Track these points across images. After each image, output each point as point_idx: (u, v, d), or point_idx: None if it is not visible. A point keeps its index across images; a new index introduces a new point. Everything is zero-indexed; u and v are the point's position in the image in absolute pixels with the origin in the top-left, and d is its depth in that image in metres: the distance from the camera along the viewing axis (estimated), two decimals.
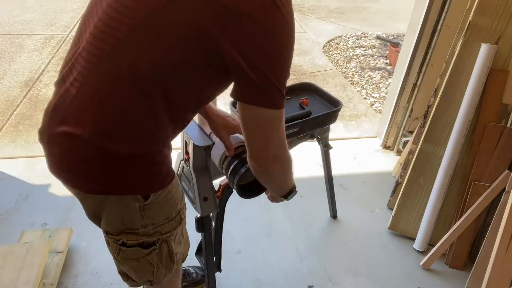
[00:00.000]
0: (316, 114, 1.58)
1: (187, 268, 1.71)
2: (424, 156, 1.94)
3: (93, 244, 1.87)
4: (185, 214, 1.10)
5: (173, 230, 1.02)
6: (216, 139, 1.25)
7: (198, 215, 1.39)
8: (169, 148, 0.97)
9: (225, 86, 0.93)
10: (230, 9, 0.73)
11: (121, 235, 0.97)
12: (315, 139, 1.77)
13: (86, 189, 0.91)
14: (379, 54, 4.37)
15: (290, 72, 0.85)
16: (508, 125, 1.77)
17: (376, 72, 4.00)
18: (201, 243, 1.65)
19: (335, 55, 4.35)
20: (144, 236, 0.98)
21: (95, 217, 0.99)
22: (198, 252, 1.73)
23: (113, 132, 0.84)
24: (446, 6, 2.11)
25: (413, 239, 1.99)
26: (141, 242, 0.98)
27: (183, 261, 1.15)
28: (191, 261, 1.74)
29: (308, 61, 4.12)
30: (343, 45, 4.57)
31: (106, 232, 0.99)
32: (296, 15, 5.22)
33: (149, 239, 0.99)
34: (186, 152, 1.35)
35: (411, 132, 2.51)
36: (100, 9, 0.84)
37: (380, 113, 3.10)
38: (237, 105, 0.87)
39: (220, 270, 1.59)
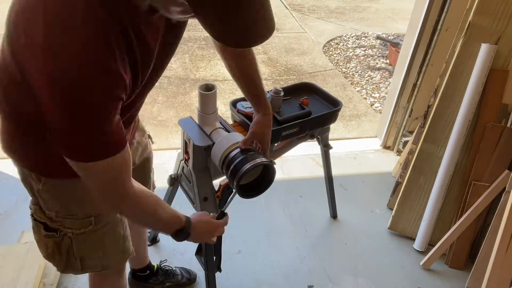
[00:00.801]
0: (316, 114, 1.58)
1: (173, 269, 1.71)
2: (424, 156, 1.94)
3: None
4: (110, 227, 1.10)
5: (75, 230, 1.03)
6: (216, 139, 1.25)
7: None
8: None
9: None
10: None
11: (35, 206, 1.04)
12: (315, 139, 1.77)
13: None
14: (379, 54, 4.37)
15: (290, 72, 0.84)
16: (508, 125, 1.77)
17: (376, 72, 4.00)
18: (201, 243, 1.66)
19: (335, 55, 4.35)
20: (48, 219, 1.02)
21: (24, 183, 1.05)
22: (198, 252, 1.72)
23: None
24: (446, 6, 2.11)
25: (413, 239, 1.99)
26: (44, 222, 1.03)
27: (103, 269, 1.18)
28: (191, 261, 1.75)
29: (308, 61, 4.12)
30: (343, 45, 4.57)
31: (31, 200, 1.05)
32: (296, 15, 5.26)
33: (51, 224, 1.03)
34: (186, 152, 1.35)
35: (411, 132, 2.51)
36: None
37: (380, 113, 3.10)
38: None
39: (220, 270, 1.59)
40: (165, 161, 2.32)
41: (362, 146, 2.75)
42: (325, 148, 1.84)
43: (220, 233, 1.17)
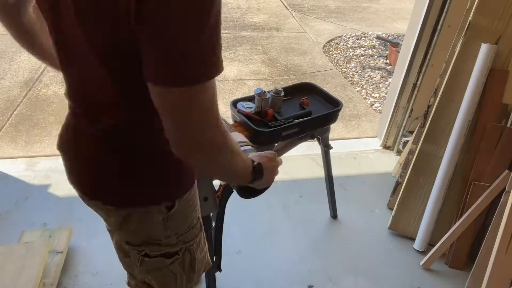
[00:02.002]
0: (316, 114, 1.58)
1: None
2: (424, 156, 1.94)
3: (93, 244, 1.87)
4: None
5: (195, 238, 0.98)
6: None
7: None
8: None
9: None
10: None
11: (143, 246, 0.93)
12: (315, 139, 1.77)
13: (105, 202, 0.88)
14: (379, 54, 4.37)
15: (290, 72, 0.82)
16: (508, 125, 1.77)
17: (376, 72, 4.00)
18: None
19: (335, 55, 4.35)
20: (168, 247, 0.94)
21: (118, 229, 0.94)
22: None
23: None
24: (446, 6, 2.11)
25: (413, 239, 1.99)
26: (164, 253, 0.94)
27: (204, 270, 1.10)
28: None
29: (308, 61, 4.12)
30: (343, 45, 4.57)
31: (127, 242, 0.95)
32: (296, 15, 5.26)
33: (172, 249, 0.94)
34: None
35: (411, 132, 2.51)
36: None
37: (380, 113, 3.10)
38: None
39: (220, 270, 1.59)
40: None
41: (362, 146, 2.75)
42: (325, 148, 1.84)
43: (277, 168, 1.05)
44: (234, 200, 2.24)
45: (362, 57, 4.30)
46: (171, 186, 0.88)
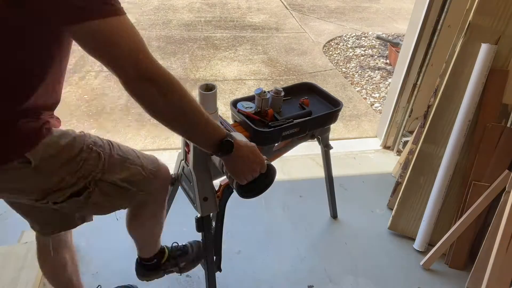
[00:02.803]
0: (316, 114, 1.58)
1: (185, 244, 1.62)
2: (424, 156, 1.94)
3: (93, 244, 1.87)
4: (120, 149, 1.09)
5: (96, 168, 1.01)
6: None
7: (198, 215, 1.39)
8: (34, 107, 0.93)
9: None
10: None
11: (48, 198, 0.99)
12: (315, 139, 1.77)
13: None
14: (379, 54, 4.37)
15: (290, 72, 0.83)
16: (508, 125, 1.77)
17: (376, 72, 4.00)
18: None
19: (335, 55, 4.35)
20: (69, 188, 0.99)
21: (9, 192, 1.01)
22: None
23: None
24: (446, 6, 2.11)
25: (413, 239, 1.99)
26: (70, 194, 0.99)
27: (164, 173, 1.20)
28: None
29: (308, 61, 4.12)
30: (343, 45, 4.57)
31: (36, 200, 1.00)
32: (296, 15, 5.26)
33: (76, 187, 0.99)
34: (186, 152, 1.35)
35: (411, 132, 2.51)
36: None
37: (380, 113, 3.10)
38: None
39: (220, 270, 1.59)
40: (165, 161, 2.30)
41: (362, 146, 2.76)
42: (325, 148, 1.84)
43: (262, 166, 1.04)
44: (234, 200, 2.23)
45: (362, 57, 4.30)
46: (10, 147, 0.91)
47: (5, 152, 0.91)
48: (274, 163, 1.15)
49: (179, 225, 1.78)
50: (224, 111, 3.03)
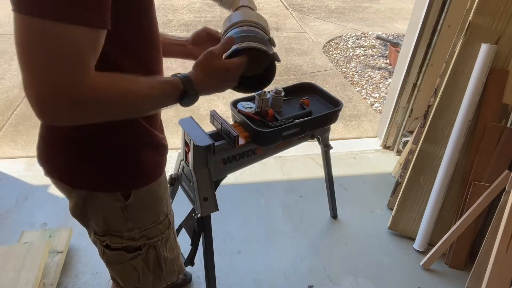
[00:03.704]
0: (316, 114, 1.58)
1: None
2: (424, 156, 1.94)
3: (93, 244, 1.87)
4: (173, 220, 1.04)
5: (161, 235, 0.96)
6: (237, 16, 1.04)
7: (198, 215, 1.39)
8: (154, 127, 0.88)
9: None
10: None
11: (106, 237, 0.92)
12: (315, 139, 1.77)
13: (63, 181, 0.88)
14: (379, 54, 4.37)
15: (290, 72, 0.81)
16: (508, 125, 1.77)
17: (376, 72, 4.00)
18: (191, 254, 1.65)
19: (335, 55, 4.35)
20: (129, 240, 0.92)
21: (81, 215, 0.93)
22: (189, 262, 1.71)
23: None
24: (446, 6, 2.11)
25: (413, 239, 1.99)
26: (126, 246, 0.92)
27: (179, 273, 1.09)
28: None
29: (308, 61, 4.12)
30: (343, 45, 4.57)
31: (94, 232, 0.94)
32: (296, 15, 5.26)
33: (134, 243, 0.93)
34: (186, 152, 1.35)
35: (411, 132, 2.51)
36: None
37: (380, 113, 3.10)
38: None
39: (192, 264, 1.58)
40: None
41: (362, 146, 2.75)
42: (325, 148, 1.84)
43: (240, 63, 0.87)
44: (235, 200, 2.24)
45: (362, 57, 4.30)
46: (124, 175, 0.86)
47: (114, 180, 0.85)
48: (274, 162, 1.14)
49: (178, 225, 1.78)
50: (224, 111, 3.03)
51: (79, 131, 0.77)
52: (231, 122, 1.52)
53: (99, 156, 0.83)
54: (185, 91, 0.79)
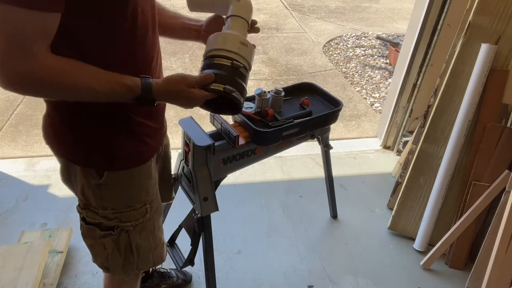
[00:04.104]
0: (316, 114, 1.58)
1: (168, 271, 1.69)
2: (424, 156, 1.94)
3: None
4: (157, 214, 1.05)
5: (135, 221, 0.99)
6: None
7: (198, 215, 1.39)
8: (144, 117, 0.94)
9: None
10: None
11: (84, 210, 0.98)
12: (315, 139, 1.77)
13: (51, 150, 0.94)
14: (379, 54, 4.37)
15: (290, 72, 0.82)
16: (508, 125, 1.77)
17: (376, 72, 4.00)
18: (174, 234, 1.66)
19: (335, 55, 4.35)
20: (103, 218, 0.97)
21: (66, 181, 0.99)
22: (169, 243, 1.72)
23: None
24: (446, 6, 2.11)
25: (413, 239, 1.99)
26: (99, 223, 0.97)
27: (155, 264, 1.12)
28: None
29: (308, 61, 4.12)
30: (343, 45, 4.57)
31: (78, 204, 1.00)
32: (296, 15, 5.26)
33: (107, 222, 0.97)
34: (186, 152, 1.35)
35: (411, 132, 2.51)
36: None
37: (380, 113, 3.10)
38: None
39: (192, 264, 1.59)
40: None
41: (362, 146, 2.75)
42: (326, 148, 1.84)
43: (201, 97, 0.89)
44: (235, 200, 2.24)
45: (362, 57, 4.30)
46: (97, 155, 0.91)
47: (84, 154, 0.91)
48: (274, 162, 1.15)
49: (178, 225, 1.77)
50: None
51: (56, 110, 0.88)
52: (231, 122, 1.52)
53: (76, 133, 0.89)
54: (141, 97, 0.83)
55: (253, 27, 1.05)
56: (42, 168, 2.35)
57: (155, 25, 0.95)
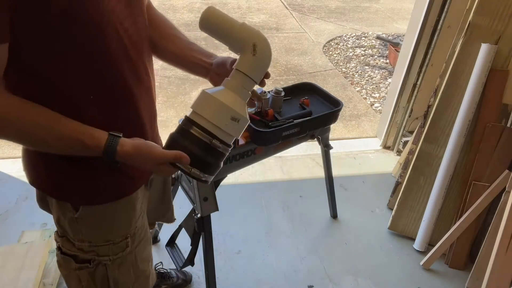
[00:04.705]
0: (316, 114, 1.58)
1: (168, 271, 1.68)
2: (424, 156, 1.94)
3: None
4: (142, 245, 0.98)
5: (113, 256, 0.92)
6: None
7: (198, 215, 1.39)
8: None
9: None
10: None
11: (61, 238, 0.92)
12: (315, 139, 1.77)
13: (27, 178, 0.89)
14: (379, 54, 4.37)
15: (290, 72, 0.78)
16: (508, 125, 1.77)
17: (376, 72, 4.00)
18: (174, 234, 1.65)
19: (335, 55, 4.35)
20: (79, 251, 0.90)
21: (46, 209, 0.95)
22: (169, 244, 1.72)
23: None
24: (446, 6, 2.11)
25: (413, 239, 1.99)
26: (74, 255, 0.91)
27: None
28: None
29: (308, 61, 4.12)
30: (343, 45, 4.57)
31: (56, 231, 0.94)
32: (296, 15, 5.26)
33: (83, 255, 0.90)
34: None
35: (411, 132, 2.51)
36: None
37: (380, 113, 3.10)
38: None
39: (192, 264, 1.59)
40: None
41: (362, 146, 2.75)
42: (325, 148, 1.84)
43: (168, 173, 0.83)
44: (235, 200, 2.24)
45: (362, 57, 4.30)
46: (70, 189, 0.85)
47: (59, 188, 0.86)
48: (274, 162, 1.14)
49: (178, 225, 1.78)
50: None
51: None
52: None
53: (50, 163, 0.83)
54: (103, 153, 0.75)
55: (262, 80, 0.89)
56: None
57: (141, 48, 0.84)
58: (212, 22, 0.83)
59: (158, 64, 1.55)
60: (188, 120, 0.80)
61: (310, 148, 2.57)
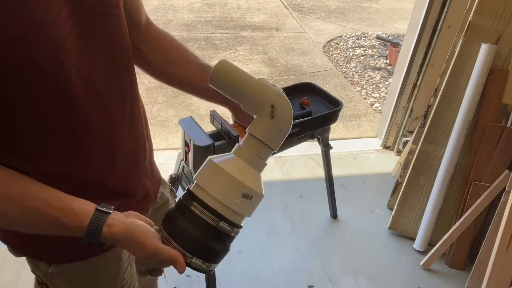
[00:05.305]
0: (316, 114, 1.58)
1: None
2: (424, 156, 1.94)
3: None
4: None
5: None
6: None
7: None
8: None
9: None
10: None
11: (40, 285, 0.82)
12: (315, 139, 1.77)
13: None
14: (379, 54, 4.37)
15: (290, 72, 0.70)
16: (508, 125, 1.77)
17: (376, 72, 4.00)
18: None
19: (335, 55, 4.35)
20: None
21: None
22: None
23: None
24: (446, 6, 2.11)
25: (413, 239, 1.99)
26: None
27: None
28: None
29: (308, 61, 4.12)
30: (343, 45, 4.57)
31: (36, 278, 0.84)
32: (296, 15, 5.26)
33: None
34: (186, 152, 1.35)
35: (411, 132, 2.51)
36: None
37: (380, 113, 3.11)
38: None
39: None
40: (165, 161, 2.32)
41: (362, 146, 2.76)
42: (325, 148, 1.84)
43: (159, 266, 0.74)
44: None
45: (362, 57, 4.30)
46: (41, 246, 0.74)
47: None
48: (274, 162, 1.13)
49: None
50: (224, 111, 3.03)
51: None
52: (231, 122, 1.52)
53: None
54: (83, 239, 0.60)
55: None
56: None
57: (124, 98, 0.71)
58: (224, 78, 0.67)
59: None
60: (189, 194, 0.65)
61: (310, 148, 2.57)
